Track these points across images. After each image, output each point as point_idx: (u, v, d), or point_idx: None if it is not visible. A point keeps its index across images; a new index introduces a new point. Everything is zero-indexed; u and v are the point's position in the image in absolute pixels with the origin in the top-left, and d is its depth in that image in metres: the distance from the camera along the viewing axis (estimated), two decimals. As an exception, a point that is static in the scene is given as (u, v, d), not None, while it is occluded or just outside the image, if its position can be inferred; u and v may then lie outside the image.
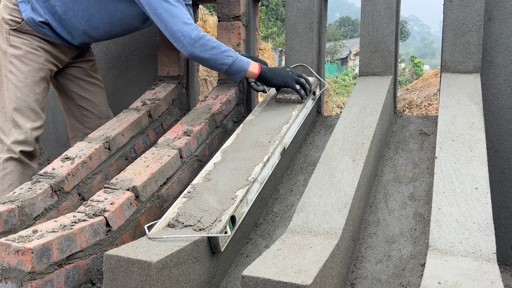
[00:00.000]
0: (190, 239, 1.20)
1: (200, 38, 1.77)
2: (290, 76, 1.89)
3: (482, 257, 1.01)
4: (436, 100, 6.50)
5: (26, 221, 1.52)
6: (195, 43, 1.76)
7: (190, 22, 1.79)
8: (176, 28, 1.77)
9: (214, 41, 1.80)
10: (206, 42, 1.77)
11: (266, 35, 21.20)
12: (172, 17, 1.77)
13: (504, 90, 1.91)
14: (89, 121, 2.27)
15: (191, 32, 1.77)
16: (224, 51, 1.80)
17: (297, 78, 1.89)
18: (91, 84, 2.28)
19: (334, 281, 1.12)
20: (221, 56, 1.79)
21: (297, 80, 1.88)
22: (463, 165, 1.33)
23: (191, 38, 1.76)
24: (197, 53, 1.78)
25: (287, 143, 1.78)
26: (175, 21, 1.77)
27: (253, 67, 1.87)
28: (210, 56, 1.78)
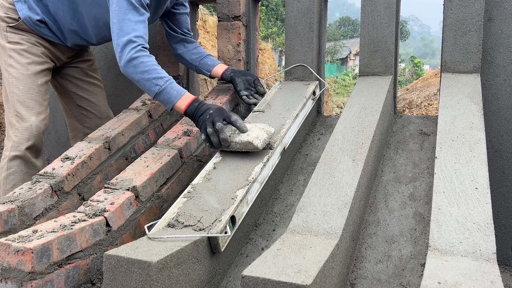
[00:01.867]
0: (190, 239, 1.20)
1: (134, 58, 1.68)
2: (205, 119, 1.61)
3: (482, 257, 1.01)
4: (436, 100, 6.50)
5: (26, 221, 1.52)
6: (128, 62, 1.68)
7: (135, 39, 1.70)
8: (119, 42, 1.70)
9: (149, 64, 1.68)
10: (138, 64, 1.67)
11: (266, 35, 21.20)
12: (120, 30, 1.71)
13: (504, 90, 1.91)
14: (89, 121, 2.27)
15: (129, 51, 1.68)
16: (154, 78, 1.67)
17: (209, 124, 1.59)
18: (90, 84, 2.27)
19: (334, 281, 1.12)
20: (149, 83, 1.68)
21: (205, 127, 1.60)
22: (463, 165, 1.33)
23: (126, 57, 1.68)
24: (129, 72, 1.70)
25: (287, 143, 1.78)
26: (121, 35, 1.70)
27: (181, 103, 1.68)
28: (140, 80, 1.69)
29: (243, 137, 1.57)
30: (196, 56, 2.19)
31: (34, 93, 1.94)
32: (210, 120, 1.59)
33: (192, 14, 2.50)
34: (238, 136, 1.58)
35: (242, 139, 1.56)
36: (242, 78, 2.13)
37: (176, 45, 2.22)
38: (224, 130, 1.57)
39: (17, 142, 1.88)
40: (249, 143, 1.55)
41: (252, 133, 1.58)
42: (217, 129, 1.57)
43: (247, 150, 1.57)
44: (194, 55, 2.20)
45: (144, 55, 1.69)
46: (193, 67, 2.22)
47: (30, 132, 1.89)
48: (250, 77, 2.14)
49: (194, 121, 1.68)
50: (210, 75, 2.18)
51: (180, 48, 2.22)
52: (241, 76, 2.13)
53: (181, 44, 2.22)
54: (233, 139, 1.58)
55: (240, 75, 2.14)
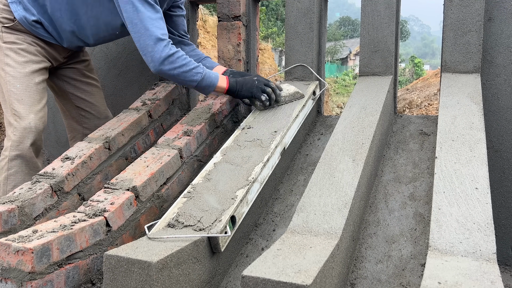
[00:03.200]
0: (190, 239, 1.20)
1: (170, 55, 1.75)
2: (256, 86, 1.89)
3: (482, 257, 1.01)
4: (436, 100, 6.50)
5: (26, 221, 1.52)
6: (164, 60, 1.75)
7: (163, 37, 1.76)
8: (148, 42, 1.74)
9: (183, 58, 1.79)
10: (175, 60, 1.76)
11: (266, 35, 21.19)
12: (146, 29, 1.74)
13: (504, 90, 1.91)
14: (88, 121, 2.26)
15: (162, 49, 1.75)
16: (193, 68, 1.80)
17: (263, 87, 1.88)
18: (87, 84, 2.26)
19: (334, 281, 1.12)
20: (190, 73, 1.79)
21: (263, 90, 1.88)
22: (463, 165, 1.33)
23: (161, 56, 1.74)
24: (165, 70, 1.77)
25: (287, 143, 1.78)
26: (148, 35, 1.74)
27: (222, 82, 1.87)
28: (179, 74, 1.78)
29: (289, 91, 1.94)
30: (194, 59, 2.17)
31: (32, 91, 1.93)
32: (262, 83, 1.90)
33: (192, 14, 2.50)
34: (283, 92, 1.93)
35: (290, 92, 1.94)
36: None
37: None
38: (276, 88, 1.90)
39: (17, 141, 1.86)
40: (296, 92, 1.95)
41: (291, 87, 1.95)
42: (273, 88, 1.89)
43: (295, 99, 1.94)
44: (192, 57, 2.18)
45: (176, 51, 1.78)
46: None
47: (29, 130, 1.87)
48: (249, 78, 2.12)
49: (237, 93, 1.91)
50: None
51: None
52: (240, 77, 2.10)
53: (177, 46, 2.16)
54: (282, 94, 1.92)
55: (239, 76, 2.10)
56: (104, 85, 2.78)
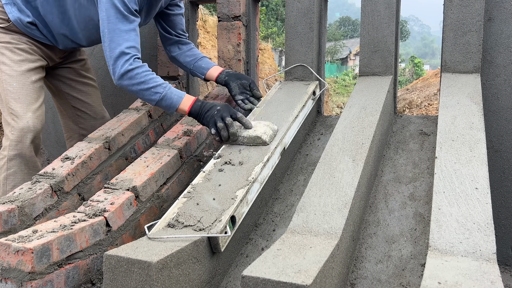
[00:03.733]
0: (190, 239, 1.20)
1: (129, 71, 1.69)
2: (212, 115, 1.68)
3: (482, 257, 1.01)
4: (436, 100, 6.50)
5: (26, 221, 1.52)
6: (123, 75, 1.69)
7: (128, 51, 1.70)
8: (111, 55, 1.69)
9: (145, 74, 1.71)
10: (134, 76, 1.69)
11: (266, 35, 21.19)
12: (111, 41, 1.69)
13: (504, 90, 1.91)
14: (84, 121, 2.24)
15: (123, 64, 1.68)
16: (152, 87, 1.71)
17: (216, 120, 1.66)
18: (84, 84, 2.24)
19: (334, 281, 1.12)
20: (148, 92, 1.71)
21: (215, 122, 1.66)
22: (463, 165, 1.33)
23: (120, 70, 1.69)
24: (124, 85, 1.71)
25: (287, 143, 1.78)
26: (112, 47, 1.69)
27: (184, 105, 1.74)
28: (137, 91, 1.72)
29: (251, 132, 1.66)
30: (191, 59, 2.14)
31: (29, 89, 1.91)
32: (219, 115, 1.67)
33: (192, 14, 2.50)
34: (245, 131, 1.67)
35: (250, 134, 1.65)
36: (237, 82, 2.07)
37: (170, 47, 2.18)
38: (233, 125, 1.65)
39: (15, 140, 1.84)
40: (258, 137, 1.64)
41: (259, 129, 1.67)
42: (227, 124, 1.64)
43: (255, 144, 1.65)
44: (189, 57, 2.15)
45: (138, 66, 1.70)
46: (188, 69, 2.17)
47: (27, 129, 1.85)
48: (245, 81, 2.08)
49: (199, 118, 1.73)
50: (205, 78, 2.14)
51: (175, 50, 2.17)
52: (235, 80, 2.07)
53: (175, 46, 2.17)
54: (241, 134, 1.66)
55: (234, 78, 2.07)
56: (104, 85, 2.78)
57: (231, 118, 1.66)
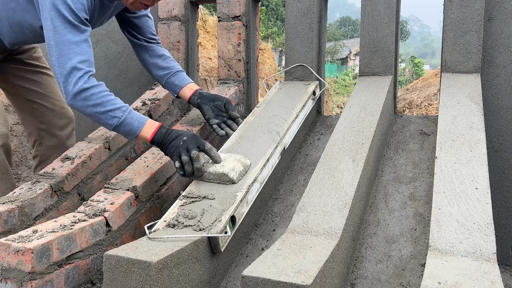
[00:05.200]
0: (190, 239, 1.20)
1: (83, 90, 1.47)
2: (178, 146, 1.50)
3: (482, 257, 1.01)
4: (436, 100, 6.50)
5: (26, 221, 1.52)
6: (76, 95, 1.47)
7: (80, 66, 1.48)
8: (60, 70, 1.47)
9: (101, 96, 1.50)
10: (89, 97, 1.48)
11: (266, 35, 21.19)
12: (61, 55, 1.47)
13: (504, 90, 1.91)
14: (42, 114, 2.04)
15: (76, 81, 1.47)
16: (110, 110, 1.50)
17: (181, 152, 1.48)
18: (34, 73, 2.03)
19: (334, 281, 1.12)
20: (105, 116, 1.50)
21: (179, 155, 1.48)
22: (463, 165, 1.33)
23: (73, 89, 1.47)
24: (77, 106, 1.50)
25: (287, 143, 1.78)
26: (62, 62, 1.47)
27: (146, 132, 1.54)
28: (92, 113, 1.50)
29: (217, 168, 1.47)
30: (163, 73, 1.92)
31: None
32: (185, 147, 1.48)
33: (192, 14, 2.50)
34: (212, 167, 1.49)
35: (217, 170, 1.47)
36: (209, 105, 1.87)
37: (142, 55, 1.94)
38: (199, 159, 1.47)
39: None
40: (224, 174, 1.45)
41: (228, 164, 1.49)
42: (192, 157, 1.46)
43: (221, 182, 1.46)
44: (162, 70, 1.92)
45: (94, 85, 1.50)
46: (161, 84, 1.97)
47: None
48: (220, 102, 1.88)
49: (162, 148, 1.54)
50: (177, 96, 1.96)
51: (146, 58, 1.94)
52: (208, 102, 1.88)
53: (145, 52, 1.93)
54: (207, 169, 1.49)
55: (207, 101, 1.88)
56: (104, 85, 2.78)
57: (197, 151, 1.47)
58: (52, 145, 2.10)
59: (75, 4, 1.50)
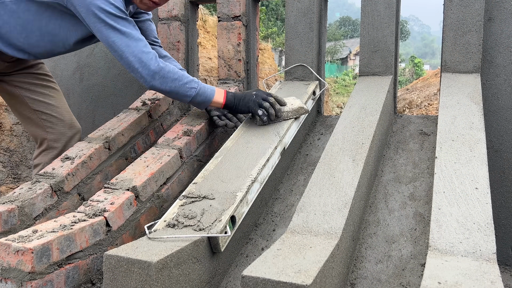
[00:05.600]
0: (190, 239, 1.20)
1: (160, 70, 1.66)
2: (253, 100, 1.75)
3: (482, 257, 1.01)
4: (436, 100, 6.50)
5: (26, 221, 1.52)
6: (154, 75, 1.66)
7: (147, 50, 1.66)
8: (133, 59, 1.64)
9: (175, 72, 1.69)
10: (166, 74, 1.67)
11: (266, 35, 21.19)
12: (127, 46, 1.64)
13: (504, 90, 1.91)
14: (51, 126, 2.05)
15: (150, 63, 1.65)
16: (186, 82, 1.70)
17: (260, 101, 1.74)
18: (45, 87, 2.06)
19: (334, 281, 1.12)
20: (183, 88, 1.70)
21: (260, 104, 1.74)
22: (463, 165, 1.33)
23: (150, 70, 1.65)
24: (157, 85, 1.68)
25: (287, 143, 1.78)
26: (131, 51, 1.64)
27: (218, 96, 1.78)
28: (172, 89, 1.69)
29: (291, 106, 1.79)
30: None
31: None
32: (260, 97, 1.74)
33: (192, 14, 2.50)
34: (285, 107, 1.78)
35: (293, 107, 1.79)
36: None
37: None
38: (276, 103, 1.74)
39: None
40: (301, 107, 1.81)
41: (295, 102, 1.82)
42: (271, 102, 1.72)
43: (299, 115, 1.81)
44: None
45: (166, 65, 1.68)
46: None
47: None
48: None
49: (235, 107, 1.79)
50: None
51: None
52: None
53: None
54: (284, 109, 1.77)
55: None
56: (104, 85, 2.78)
57: (271, 97, 1.74)
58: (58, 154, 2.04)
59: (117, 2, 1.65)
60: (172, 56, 2.40)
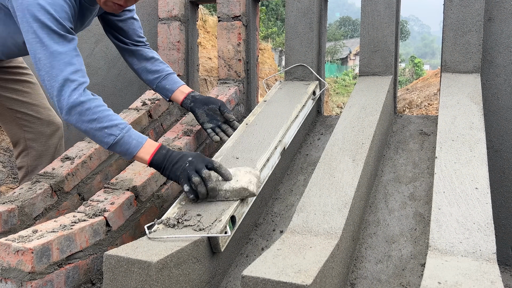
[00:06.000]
0: (190, 239, 1.20)
1: (78, 104, 1.38)
2: (184, 169, 1.37)
3: (482, 257, 1.01)
4: (436, 100, 6.50)
5: (26, 221, 1.52)
6: (70, 109, 1.38)
7: (73, 77, 1.39)
8: (52, 83, 1.38)
9: (96, 111, 1.39)
10: (84, 112, 1.38)
11: (266, 35, 21.20)
12: (51, 68, 1.38)
13: (504, 90, 1.91)
14: (28, 124, 1.93)
15: (70, 94, 1.38)
16: (106, 127, 1.39)
17: (191, 174, 1.35)
18: (17, 82, 1.90)
19: (334, 281, 1.12)
20: (101, 133, 1.39)
21: (189, 177, 1.35)
22: (463, 165, 1.33)
23: (67, 103, 1.38)
24: (73, 122, 1.39)
25: (287, 143, 1.78)
26: (54, 74, 1.38)
27: (144, 153, 1.41)
28: (87, 130, 1.40)
29: (233, 184, 1.37)
30: (153, 77, 1.84)
31: None
32: (193, 168, 1.36)
33: (192, 14, 2.50)
34: (226, 184, 1.38)
35: (234, 186, 1.37)
36: (203, 109, 1.81)
37: (129, 59, 1.86)
38: (211, 178, 1.35)
39: None
40: (244, 189, 1.37)
41: (242, 178, 1.40)
42: (204, 177, 1.34)
43: (240, 198, 1.38)
44: (151, 74, 1.84)
45: (90, 99, 1.40)
46: (153, 89, 1.90)
47: None
48: (214, 105, 1.82)
49: (164, 171, 1.42)
50: (170, 100, 1.88)
51: (134, 62, 1.86)
52: (202, 106, 1.81)
53: (133, 57, 1.85)
54: (221, 187, 1.37)
55: (201, 104, 1.81)
56: (104, 85, 2.79)
57: (206, 171, 1.35)
58: (40, 154, 2.00)
59: (59, 13, 1.41)
60: (172, 56, 2.41)
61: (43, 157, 2.01)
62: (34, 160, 2.00)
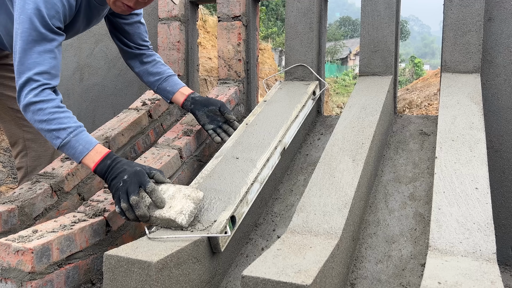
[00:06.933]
0: (190, 239, 1.20)
1: (32, 104, 1.39)
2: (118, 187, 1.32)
3: (482, 257, 1.01)
4: (436, 100, 6.50)
5: (26, 221, 1.52)
6: (25, 107, 1.40)
7: (36, 78, 1.40)
8: (17, 79, 1.41)
9: (49, 112, 1.39)
10: (36, 111, 1.39)
11: (266, 35, 21.20)
12: (20, 63, 1.40)
13: (504, 90, 1.91)
14: (27, 123, 1.93)
15: (27, 93, 1.39)
16: (55, 129, 1.39)
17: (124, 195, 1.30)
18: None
19: (334, 281, 1.12)
20: (50, 134, 1.40)
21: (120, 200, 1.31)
22: (463, 165, 1.33)
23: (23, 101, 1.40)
24: (29, 119, 1.43)
25: (287, 143, 1.78)
26: (20, 71, 1.40)
27: (89, 160, 1.39)
28: (39, 129, 1.42)
29: (163, 212, 1.29)
30: (154, 79, 1.86)
31: None
32: (124, 191, 1.31)
33: (192, 14, 2.50)
34: (157, 210, 1.31)
35: (163, 215, 1.28)
36: (203, 110, 1.82)
37: (131, 62, 1.89)
38: (140, 205, 1.29)
39: None
40: (171, 220, 1.27)
41: (176, 205, 1.31)
42: (132, 205, 1.28)
43: (169, 228, 1.29)
44: (152, 76, 1.86)
45: (43, 100, 1.40)
46: (154, 91, 1.92)
47: None
48: (214, 106, 1.83)
49: (106, 183, 1.39)
50: (171, 102, 1.90)
51: (136, 65, 1.88)
52: (202, 107, 1.82)
53: (136, 60, 1.87)
54: (153, 213, 1.30)
55: (201, 106, 1.83)
56: (104, 85, 2.79)
57: (136, 197, 1.29)
58: (39, 155, 2.00)
59: (49, 11, 1.41)
60: (172, 56, 2.41)
61: (42, 157, 2.02)
62: (33, 161, 2.00)
